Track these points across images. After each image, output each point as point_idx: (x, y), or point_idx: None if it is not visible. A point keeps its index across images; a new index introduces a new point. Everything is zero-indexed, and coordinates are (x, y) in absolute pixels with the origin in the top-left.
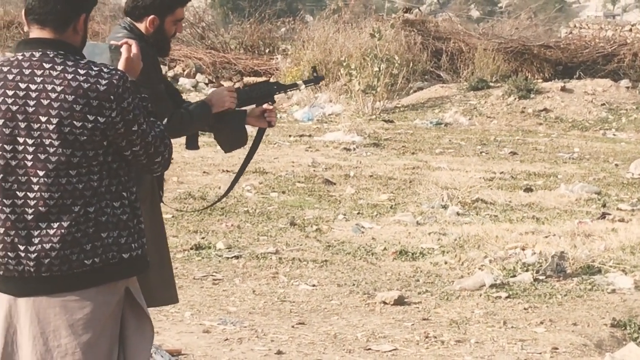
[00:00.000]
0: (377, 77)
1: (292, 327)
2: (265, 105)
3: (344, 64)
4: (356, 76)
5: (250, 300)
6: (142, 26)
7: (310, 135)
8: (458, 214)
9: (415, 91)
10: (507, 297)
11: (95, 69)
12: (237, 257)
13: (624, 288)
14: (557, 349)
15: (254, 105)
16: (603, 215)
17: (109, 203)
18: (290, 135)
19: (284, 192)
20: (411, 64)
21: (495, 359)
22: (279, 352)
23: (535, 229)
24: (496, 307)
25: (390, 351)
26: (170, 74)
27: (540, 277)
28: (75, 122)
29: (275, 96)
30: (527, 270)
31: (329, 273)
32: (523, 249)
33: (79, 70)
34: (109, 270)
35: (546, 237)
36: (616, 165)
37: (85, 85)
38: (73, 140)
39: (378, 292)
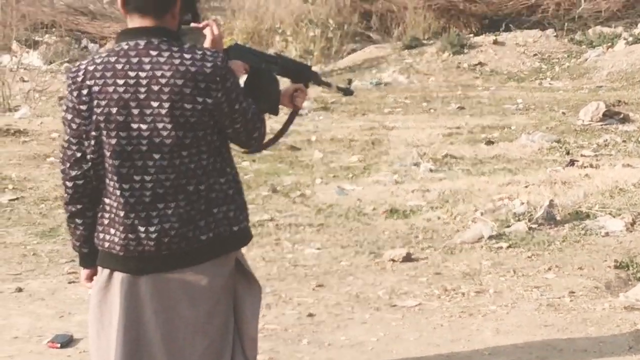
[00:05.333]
0: (313, 41)
1: (313, 290)
2: (299, 85)
3: (279, 30)
4: (292, 42)
5: (263, 267)
6: None
7: None
8: (431, 170)
9: (349, 53)
10: (508, 247)
11: (199, 52)
12: None
13: (616, 231)
14: (573, 292)
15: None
16: (572, 163)
17: (217, 180)
18: None
19: (254, 161)
20: (344, 27)
21: (519, 306)
22: (310, 315)
23: (512, 180)
24: (501, 257)
25: (415, 306)
26: (101, 51)
27: (534, 226)
28: (185, 104)
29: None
30: (519, 220)
31: (328, 236)
32: (510, 200)
33: (184, 55)
34: (222, 243)
35: (526, 186)
36: (563, 113)
37: (193, 69)
38: (184, 123)
39: (383, 250)
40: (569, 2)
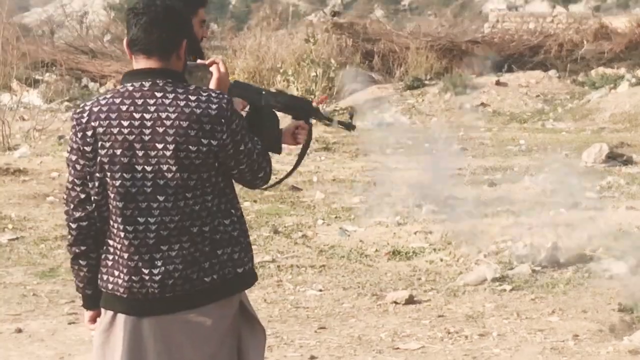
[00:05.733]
0: (315, 81)
1: (315, 332)
2: (300, 122)
3: (281, 70)
4: (294, 82)
5: (264, 308)
6: None
7: None
8: (434, 211)
9: (350, 94)
10: (511, 290)
11: (204, 94)
12: None
13: (620, 273)
14: (577, 336)
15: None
16: (575, 205)
17: (221, 221)
18: None
19: (255, 201)
20: (346, 67)
21: (522, 350)
22: (312, 357)
23: (515, 222)
24: (504, 299)
25: (418, 349)
26: (102, 90)
27: (537, 268)
28: (190, 146)
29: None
30: (522, 263)
31: (330, 277)
32: (513, 242)
33: (189, 96)
34: (226, 285)
35: (529, 229)
36: (566, 155)
37: (198, 111)
38: (189, 164)
39: (385, 292)
40: (572, 43)
